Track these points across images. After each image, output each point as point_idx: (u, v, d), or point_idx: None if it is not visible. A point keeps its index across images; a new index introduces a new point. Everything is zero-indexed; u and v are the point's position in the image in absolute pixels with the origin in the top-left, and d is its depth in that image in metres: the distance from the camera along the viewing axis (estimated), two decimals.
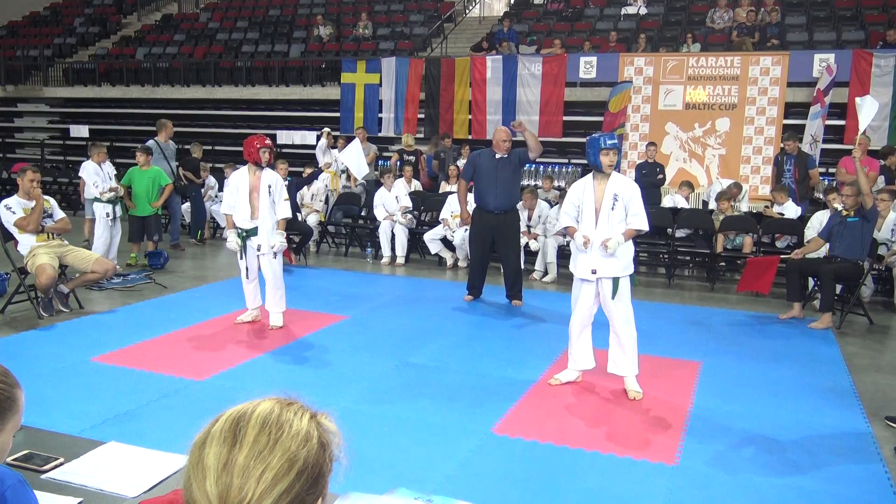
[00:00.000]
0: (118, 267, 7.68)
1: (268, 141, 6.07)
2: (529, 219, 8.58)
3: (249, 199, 5.98)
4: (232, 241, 6.08)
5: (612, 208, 4.64)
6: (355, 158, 10.06)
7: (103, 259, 6.80)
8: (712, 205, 9.82)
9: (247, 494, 0.90)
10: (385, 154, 12.83)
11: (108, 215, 8.11)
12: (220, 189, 10.74)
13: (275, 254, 6.01)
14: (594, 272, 4.67)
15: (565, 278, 7.53)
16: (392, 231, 9.22)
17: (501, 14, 16.57)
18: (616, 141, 4.74)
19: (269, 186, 5.95)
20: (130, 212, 8.59)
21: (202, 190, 10.73)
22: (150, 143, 9.36)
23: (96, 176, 8.18)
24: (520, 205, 8.35)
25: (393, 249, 9.27)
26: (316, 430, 0.98)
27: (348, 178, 10.47)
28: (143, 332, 5.82)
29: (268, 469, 0.92)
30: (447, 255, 9.07)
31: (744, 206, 9.64)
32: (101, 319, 6.29)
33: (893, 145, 9.95)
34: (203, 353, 5.40)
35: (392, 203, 9.32)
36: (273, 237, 5.97)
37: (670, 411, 4.48)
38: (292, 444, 0.94)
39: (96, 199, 8.16)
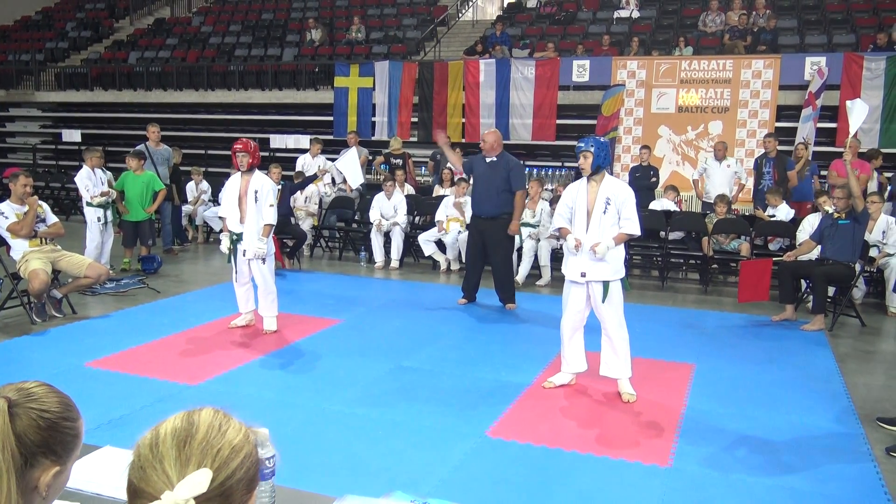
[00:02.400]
0: (111, 272, 7.67)
1: (238, 146, 5.97)
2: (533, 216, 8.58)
3: (239, 203, 6.01)
4: (223, 243, 6.15)
5: (604, 212, 4.65)
6: (352, 167, 10.01)
7: (96, 264, 6.79)
8: (700, 181, 9.86)
9: (206, 466, 1.04)
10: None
11: (99, 220, 8.09)
12: (214, 194, 10.73)
13: (263, 259, 6.00)
14: (583, 275, 4.68)
15: (559, 282, 7.55)
16: (388, 234, 9.22)
17: (494, 18, 16.61)
18: (585, 145, 4.67)
19: (256, 192, 5.95)
20: (124, 217, 8.56)
21: (194, 195, 10.73)
22: (140, 147, 9.31)
23: (88, 181, 8.16)
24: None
25: (388, 253, 9.27)
26: (250, 437, 1.14)
27: (343, 181, 10.45)
28: (136, 336, 5.81)
29: (223, 448, 1.07)
30: (441, 259, 9.07)
31: (735, 169, 9.70)
32: (95, 324, 6.28)
33: (880, 149, 10.03)
34: (197, 358, 5.39)
35: (389, 210, 9.32)
36: (253, 243, 5.96)
37: (664, 413, 4.49)
38: (238, 436, 1.11)
39: (88, 204, 8.14)
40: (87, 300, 7.05)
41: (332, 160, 10.77)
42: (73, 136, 14.29)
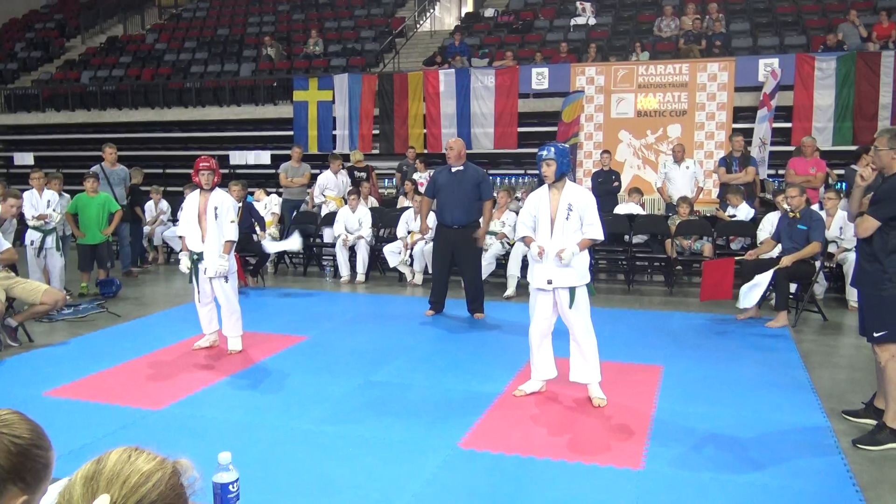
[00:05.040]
0: (68, 297, 7.47)
1: (205, 164, 5.88)
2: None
3: (198, 221, 5.90)
4: (183, 263, 6.01)
5: (567, 218, 4.65)
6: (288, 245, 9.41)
7: (52, 290, 6.61)
8: (670, 174, 9.93)
9: (114, 494, 1.10)
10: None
11: (31, 243, 7.87)
12: (174, 214, 10.56)
13: (225, 278, 5.89)
14: (550, 282, 4.68)
15: (525, 290, 7.56)
16: (353, 248, 9.13)
17: (452, 28, 16.69)
18: (547, 152, 4.69)
19: (216, 209, 5.85)
20: (80, 241, 8.35)
21: (153, 214, 10.55)
22: (95, 168, 9.11)
23: (29, 204, 7.98)
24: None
25: (353, 267, 9.19)
26: (166, 463, 1.17)
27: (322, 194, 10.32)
28: (96, 363, 5.65)
29: (131, 475, 1.11)
30: (406, 271, 9.02)
31: (693, 170, 9.80)
32: (53, 352, 6.10)
33: (833, 146, 10.25)
34: (160, 382, 5.26)
35: (354, 224, 9.24)
36: (215, 261, 5.84)
37: (634, 416, 4.50)
38: (149, 464, 1.14)
39: (31, 227, 7.96)
40: (44, 327, 6.85)
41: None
42: (25, 159, 13.99)
